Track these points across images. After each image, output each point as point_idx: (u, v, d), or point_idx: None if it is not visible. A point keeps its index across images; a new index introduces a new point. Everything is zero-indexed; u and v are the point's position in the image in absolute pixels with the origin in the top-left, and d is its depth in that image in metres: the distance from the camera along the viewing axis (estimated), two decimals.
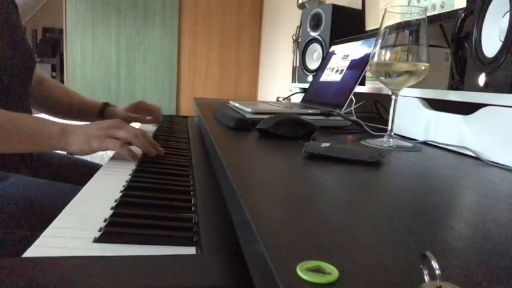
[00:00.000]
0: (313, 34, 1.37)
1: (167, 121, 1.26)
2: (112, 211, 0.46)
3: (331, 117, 0.78)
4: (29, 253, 0.35)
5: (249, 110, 0.78)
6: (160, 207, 0.49)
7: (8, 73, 0.76)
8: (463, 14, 0.74)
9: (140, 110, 1.08)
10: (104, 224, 0.42)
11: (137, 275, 0.30)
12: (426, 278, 0.19)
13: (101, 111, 1.02)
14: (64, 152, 1.09)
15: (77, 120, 1.03)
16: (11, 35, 0.78)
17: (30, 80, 0.87)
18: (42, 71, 1.03)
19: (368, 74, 1.09)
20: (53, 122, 0.68)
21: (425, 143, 0.66)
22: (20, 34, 0.82)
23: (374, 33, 0.69)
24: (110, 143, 0.66)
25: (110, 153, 0.82)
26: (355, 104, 0.86)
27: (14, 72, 0.78)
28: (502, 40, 0.54)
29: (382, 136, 0.64)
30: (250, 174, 0.39)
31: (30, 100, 0.87)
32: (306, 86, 1.34)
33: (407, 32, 0.58)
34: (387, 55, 0.59)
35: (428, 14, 0.76)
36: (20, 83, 0.81)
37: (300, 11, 1.64)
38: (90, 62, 2.83)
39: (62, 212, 0.45)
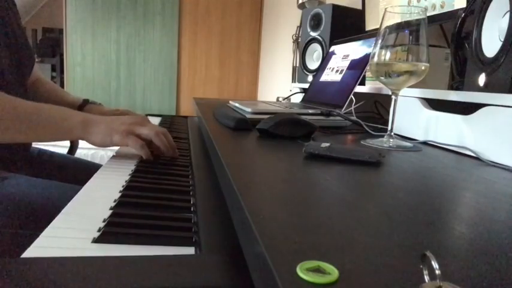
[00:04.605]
0: (313, 34, 1.37)
1: (167, 121, 1.26)
2: (111, 211, 0.46)
3: (331, 117, 0.78)
4: (28, 253, 0.35)
5: (249, 110, 0.78)
6: (159, 207, 0.49)
7: (5, 71, 0.76)
8: (463, 14, 0.73)
9: None
10: (103, 224, 0.42)
11: (136, 275, 0.30)
12: (426, 278, 0.19)
13: (79, 109, 0.97)
14: (64, 152, 1.09)
15: None
16: (8, 33, 0.78)
17: (28, 78, 0.87)
18: (42, 71, 1.02)
19: (368, 74, 1.09)
20: (77, 112, 0.68)
21: (425, 143, 0.66)
22: (19, 32, 0.82)
23: (374, 33, 0.69)
24: (131, 140, 0.66)
25: (110, 153, 0.81)
26: (355, 104, 0.86)
27: (12, 70, 0.78)
28: (502, 40, 0.54)
29: (382, 136, 0.64)
30: (250, 174, 0.39)
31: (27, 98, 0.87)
32: (306, 86, 1.34)
33: (407, 32, 0.58)
34: (387, 55, 0.59)
35: (428, 14, 0.76)
36: (18, 81, 0.81)
37: (300, 11, 1.64)
38: (90, 62, 2.83)
39: (61, 212, 0.45)
